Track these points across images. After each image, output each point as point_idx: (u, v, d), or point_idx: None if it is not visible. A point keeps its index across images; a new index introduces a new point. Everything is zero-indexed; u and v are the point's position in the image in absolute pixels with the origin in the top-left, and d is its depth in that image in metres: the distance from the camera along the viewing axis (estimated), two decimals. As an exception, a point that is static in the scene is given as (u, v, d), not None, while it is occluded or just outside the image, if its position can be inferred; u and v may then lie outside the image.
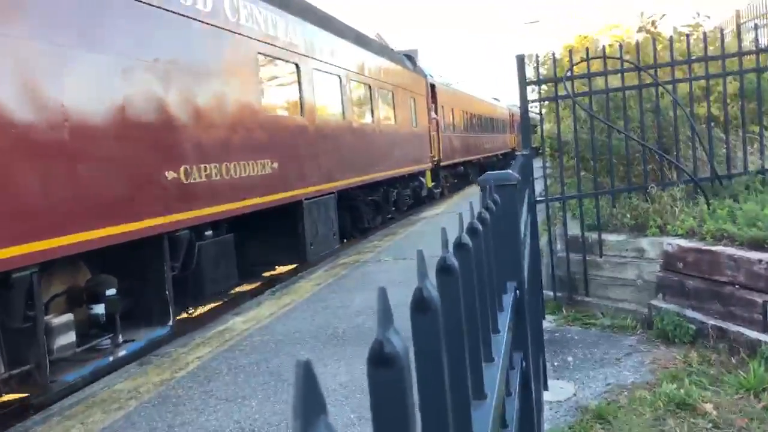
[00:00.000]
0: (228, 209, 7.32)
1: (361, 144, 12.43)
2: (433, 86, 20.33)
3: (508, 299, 1.33)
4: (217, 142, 7.23)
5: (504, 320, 1.16)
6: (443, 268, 0.67)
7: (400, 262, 9.46)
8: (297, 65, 9.57)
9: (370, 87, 13.45)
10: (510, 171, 1.47)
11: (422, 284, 0.53)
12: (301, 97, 9.68)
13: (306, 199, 9.35)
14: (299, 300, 7.65)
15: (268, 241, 9.12)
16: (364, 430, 4.01)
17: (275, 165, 8.47)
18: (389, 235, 13.17)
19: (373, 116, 13.50)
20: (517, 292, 1.48)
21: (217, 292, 8.20)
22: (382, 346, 0.41)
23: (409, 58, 18.96)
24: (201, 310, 8.47)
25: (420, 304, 0.53)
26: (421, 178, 17.91)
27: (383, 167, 13.81)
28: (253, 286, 9.44)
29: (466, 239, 0.80)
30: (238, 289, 9.18)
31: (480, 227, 0.95)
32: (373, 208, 13.79)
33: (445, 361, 0.59)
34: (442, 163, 20.47)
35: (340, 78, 11.57)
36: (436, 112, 20.23)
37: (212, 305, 8.54)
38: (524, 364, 1.49)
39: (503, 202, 1.37)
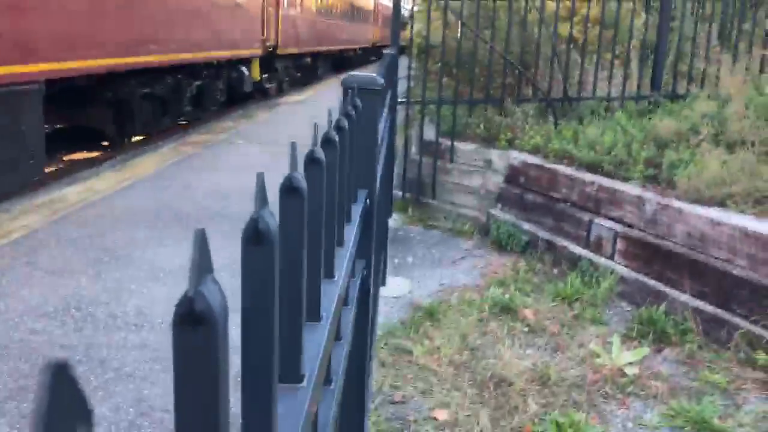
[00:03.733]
0: None
1: (125, 5, 7.99)
2: None
3: (357, 208, 1.29)
4: None
5: (351, 232, 1.12)
6: (290, 189, 0.60)
7: (254, 146, 9.21)
8: None
9: None
10: (376, 75, 1.39)
11: (258, 215, 0.46)
12: None
13: None
14: (142, 176, 7.26)
15: None
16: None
17: None
18: (245, 117, 12.73)
19: None
20: (368, 201, 1.44)
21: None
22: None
23: None
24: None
25: (255, 238, 0.46)
26: (243, 69, 13.55)
27: (169, 46, 9.43)
28: (91, 155, 8.82)
29: (320, 153, 0.73)
30: (73, 156, 8.57)
31: (336, 137, 0.88)
32: (157, 106, 9.89)
33: (277, 283, 0.53)
34: (280, 51, 15.86)
35: None
36: None
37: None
38: (366, 272, 1.48)
39: (364, 109, 1.30)
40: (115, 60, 7.88)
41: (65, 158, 8.78)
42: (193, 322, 0.31)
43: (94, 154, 9.12)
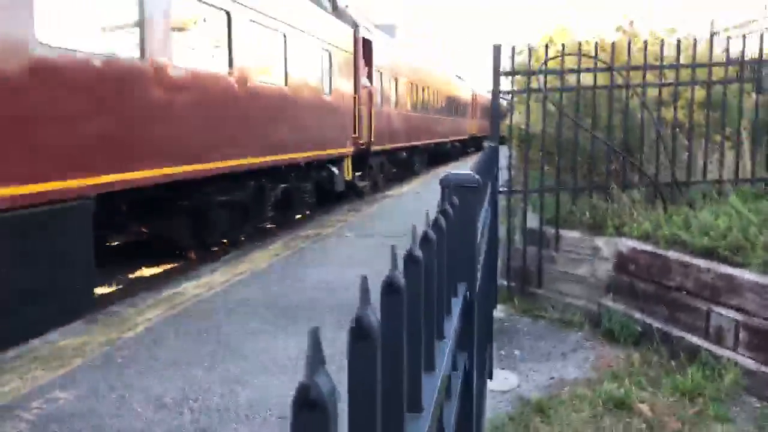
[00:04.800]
0: None
1: (197, 106, 7.44)
2: (368, 43, 15.16)
3: (457, 302, 1.33)
4: None
5: (450, 326, 1.16)
6: (390, 288, 0.66)
7: (361, 239, 9.46)
8: None
9: (229, 15, 8.19)
10: (472, 172, 1.47)
11: (362, 313, 0.52)
12: None
13: None
14: (255, 270, 7.60)
15: None
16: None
17: None
18: (352, 211, 13.15)
19: (231, 66, 8.30)
20: (468, 294, 1.48)
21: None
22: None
23: None
24: (154, 271, 8.37)
25: (359, 332, 0.52)
26: (332, 168, 12.78)
27: (249, 150, 8.77)
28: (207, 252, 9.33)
29: (418, 252, 0.79)
30: (192, 254, 9.08)
31: (434, 236, 0.94)
32: (237, 212, 9.17)
33: (379, 375, 0.58)
34: (374, 148, 15.37)
35: None
36: (370, 79, 15.31)
37: (165, 267, 8.45)
38: (467, 365, 1.50)
39: (462, 205, 1.37)
40: (182, 169, 7.14)
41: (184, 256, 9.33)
42: (309, 407, 0.37)
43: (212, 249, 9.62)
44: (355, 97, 13.98)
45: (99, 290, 7.57)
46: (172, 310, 5.93)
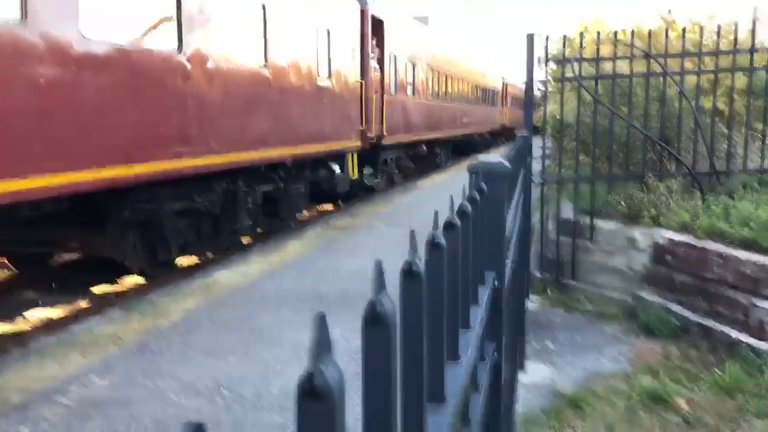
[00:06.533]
0: None
1: (124, 94, 5.85)
2: (378, 23, 13.31)
3: (485, 291, 1.31)
4: None
5: (477, 315, 1.13)
6: (409, 273, 0.64)
7: (392, 230, 9.45)
8: None
9: None
10: (502, 159, 1.44)
11: (376, 298, 0.50)
12: None
13: None
14: (288, 260, 7.65)
15: None
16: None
17: None
18: (384, 201, 13.14)
19: (181, 41, 6.57)
20: (496, 282, 1.46)
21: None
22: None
23: None
24: (188, 261, 8.47)
25: (372, 318, 0.51)
26: (333, 165, 11.03)
27: (210, 146, 7.07)
28: (243, 242, 9.41)
29: (440, 238, 0.77)
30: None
31: (459, 223, 0.92)
32: (204, 223, 7.71)
33: (396, 364, 0.56)
34: (386, 141, 13.67)
35: None
36: (381, 64, 13.52)
37: (200, 257, 8.55)
38: (496, 355, 1.47)
39: (491, 192, 1.34)
40: (96, 174, 5.55)
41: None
42: (313, 396, 0.36)
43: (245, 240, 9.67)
44: (361, 83, 12.13)
45: (134, 279, 7.70)
46: (206, 299, 5.99)
